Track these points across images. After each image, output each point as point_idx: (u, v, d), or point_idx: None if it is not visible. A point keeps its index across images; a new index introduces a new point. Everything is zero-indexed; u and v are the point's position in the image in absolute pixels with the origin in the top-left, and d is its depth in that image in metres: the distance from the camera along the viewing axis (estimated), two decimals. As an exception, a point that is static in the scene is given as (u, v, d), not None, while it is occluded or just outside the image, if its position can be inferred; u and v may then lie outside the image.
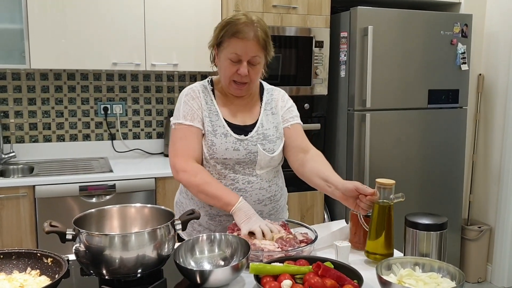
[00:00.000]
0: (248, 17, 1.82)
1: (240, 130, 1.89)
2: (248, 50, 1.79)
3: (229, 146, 1.85)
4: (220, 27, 1.85)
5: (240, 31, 1.77)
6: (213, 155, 1.86)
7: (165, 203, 3.10)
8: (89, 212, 1.57)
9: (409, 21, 3.39)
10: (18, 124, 3.39)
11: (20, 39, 3.03)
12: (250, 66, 1.82)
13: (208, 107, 1.89)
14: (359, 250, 1.80)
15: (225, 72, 1.85)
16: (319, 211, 3.51)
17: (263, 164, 1.90)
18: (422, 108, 3.53)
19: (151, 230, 1.44)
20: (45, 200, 2.87)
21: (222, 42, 1.82)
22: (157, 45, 3.26)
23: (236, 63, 1.81)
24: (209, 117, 1.88)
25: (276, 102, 1.99)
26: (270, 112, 1.96)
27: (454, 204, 3.74)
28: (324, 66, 3.40)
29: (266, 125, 1.92)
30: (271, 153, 1.90)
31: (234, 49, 1.79)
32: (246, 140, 1.88)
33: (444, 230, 1.56)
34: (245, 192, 1.89)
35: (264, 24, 1.85)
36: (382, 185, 1.66)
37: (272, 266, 1.44)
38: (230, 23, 1.81)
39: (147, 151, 3.68)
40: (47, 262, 1.40)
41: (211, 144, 1.85)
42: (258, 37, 1.79)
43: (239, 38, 1.77)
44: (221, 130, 1.87)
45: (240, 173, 1.88)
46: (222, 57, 1.84)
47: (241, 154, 1.86)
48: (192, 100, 1.89)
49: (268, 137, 1.91)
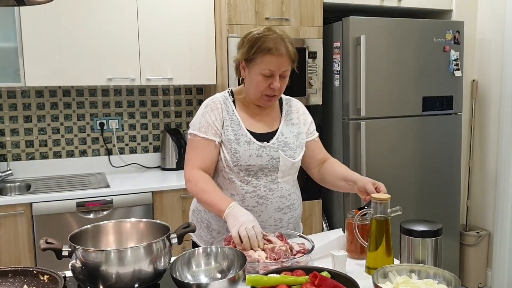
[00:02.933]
0: (276, 32, 1.87)
1: (262, 137, 1.94)
2: (281, 66, 1.85)
3: (252, 153, 1.90)
4: (249, 43, 1.87)
5: (274, 47, 1.82)
6: (237, 162, 1.89)
7: (163, 217, 3.10)
8: (85, 228, 1.58)
9: (401, 30, 3.42)
10: (14, 141, 3.40)
11: (14, 57, 3.04)
12: (281, 79, 1.89)
13: (230, 117, 1.94)
14: (356, 259, 1.80)
15: (257, 87, 1.90)
16: (317, 221, 3.51)
17: (285, 171, 1.94)
18: (416, 115, 3.54)
19: (147, 244, 1.45)
20: (43, 217, 2.87)
21: (255, 58, 1.86)
22: (152, 60, 3.28)
23: (269, 78, 1.87)
24: (231, 127, 1.93)
25: (297, 113, 2.06)
26: (290, 123, 2.02)
27: (451, 210, 3.75)
28: (318, 76, 3.42)
29: (286, 134, 1.98)
30: (292, 159, 1.95)
31: (268, 65, 1.84)
32: (268, 147, 1.92)
33: (439, 236, 1.57)
34: (266, 199, 1.92)
35: (290, 37, 1.91)
36: (378, 200, 1.66)
37: (269, 277, 1.44)
38: (260, 39, 1.84)
39: (144, 165, 3.68)
40: (44, 279, 1.40)
41: (234, 152, 1.90)
42: (290, 52, 1.86)
43: (274, 55, 1.83)
44: (244, 138, 1.91)
45: (262, 180, 1.92)
46: (253, 72, 1.88)
47: (264, 160, 1.90)
48: (211, 112, 1.95)
49: (289, 144, 1.96)
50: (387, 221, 1.64)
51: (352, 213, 1.84)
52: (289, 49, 1.85)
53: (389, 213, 1.65)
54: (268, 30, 1.88)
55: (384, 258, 1.63)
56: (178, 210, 3.13)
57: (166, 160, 3.58)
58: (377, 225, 1.64)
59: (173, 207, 3.12)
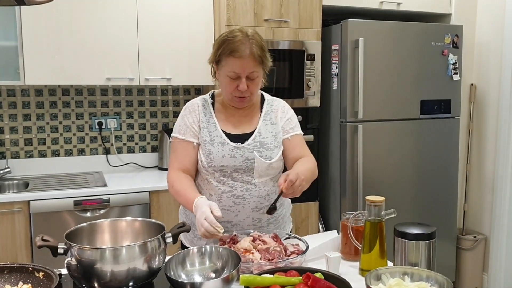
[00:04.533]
0: (243, 32, 1.87)
1: (237, 138, 1.95)
2: (245, 67, 1.84)
3: (225, 153, 1.91)
4: (217, 45, 1.90)
5: (236, 49, 1.82)
6: (211, 163, 1.91)
7: (160, 216, 3.11)
8: (81, 226, 1.59)
9: (400, 33, 3.43)
10: (13, 139, 3.40)
11: (14, 56, 3.05)
12: (249, 80, 1.88)
13: (207, 119, 1.97)
14: (350, 261, 1.81)
15: (226, 88, 1.92)
16: (313, 222, 3.52)
17: (261, 172, 1.94)
18: (414, 118, 3.55)
19: (142, 243, 1.46)
20: (40, 215, 2.88)
21: (220, 60, 1.88)
22: (151, 60, 3.29)
23: (235, 80, 1.87)
24: (207, 128, 1.96)
25: (276, 112, 2.04)
26: (270, 122, 2.01)
27: (448, 213, 3.76)
28: (316, 79, 3.43)
29: (264, 134, 1.97)
30: (268, 160, 1.93)
31: (232, 67, 1.85)
32: (242, 148, 1.93)
33: (433, 239, 1.58)
34: (243, 199, 1.93)
35: (260, 38, 1.90)
36: (373, 203, 1.67)
37: (262, 277, 1.45)
38: (226, 41, 1.86)
39: (141, 164, 3.69)
40: (39, 276, 1.41)
41: (208, 153, 1.92)
42: (254, 54, 1.84)
43: (236, 57, 1.83)
44: (219, 140, 1.93)
45: (238, 181, 1.93)
46: (222, 74, 1.90)
47: (237, 161, 1.91)
48: (189, 114, 2.00)
49: (266, 145, 1.95)
50: (381, 223, 1.65)
51: (347, 215, 1.85)
52: (253, 50, 1.83)
53: (383, 215, 1.66)
54: (235, 31, 1.88)
55: (377, 260, 1.64)
56: (175, 210, 3.11)
57: (164, 160, 3.59)
58: (371, 227, 1.65)
59: (169, 207, 3.13)
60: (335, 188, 3.52)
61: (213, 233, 1.68)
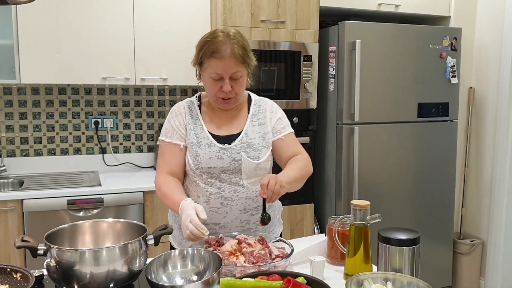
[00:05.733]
0: (225, 33, 1.85)
1: (224, 140, 1.94)
2: (227, 68, 1.83)
3: (212, 155, 1.90)
4: (199, 47, 1.89)
5: (217, 50, 1.81)
6: (198, 165, 1.90)
7: (154, 217, 3.10)
8: (62, 227, 1.58)
9: (397, 35, 3.41)
10: (9, 138, 3.41)
11: (10, 54, 3.05)
12: (233, 81, 1.86)
13: (194, 121, 1.96)
14: (336, 265, 1.80)
15: (209, 90, 1.91)
16: (309, 225, 3.51)
17: (249, 173, 1.92)
18: (411, 121, 3.53)
19: (122, 245, 1.45)
20: (33, 214, 2.88)
21: (203, 62, 1.87)
22: (147, 60, 3.28)
23: (219, 81, 1.86)
24: (194, 130, 1.94)
25: (264, 113, 2.02)
26: (257, 123, 1.99)
27: (445, 217, 3.73)
28: (313, 80, 3.41)
29: (251, 135, 1.95)
30: (256, 160, 1.92)
31: (214, 68, 1.84)
32: (229, 149, 1.91)
33: (416, 245, 1.56)
34: (231, 200, 1.91)
35: (241, 37, 1.88)
36: (358, 207, 1.65)
37: (243, 281, 1.44)
38: (207, 42, 1.85)
39: (137, 164, 3.69)
40: (16, 277, 1.41)
41: (196, 155, 1.91)
42: (236, 54, 1.82)
43: (217, 58, 1.81)
44: (205, 141, 1.92)
45: (226, 182, 1.91)
46: (205, 75, 1.89)
47: (225, 162, 1.90)
48: (175, 117, 1.99)
49: (253, 145, 1.94)
50: (366, 228, 1.64)
51: (333, 218, 1.84)
52: (235, 50, 1.81)
53: (368, 220, 1.64)
54: (216, 32, 1.86)
55: (361, 265, 1.63)
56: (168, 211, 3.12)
57: (160, 160, 3.58)
58: (356, 232, 1.64)
59: (163, 208, 3.12)
60: (330, 191, 3.50)
61: (198, 235, 1.67)
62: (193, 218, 1.69)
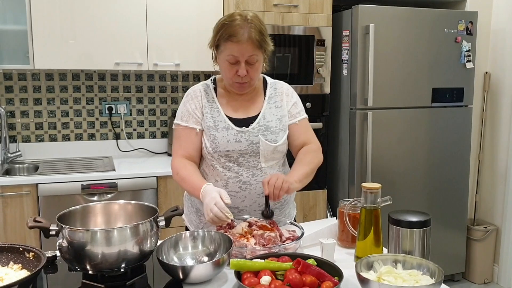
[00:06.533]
0: (242, 16, 1.84)
1: (242, 123, 1.93)
2: (244, 52, 1.82)
3: (230, 138, 1.90)
4: (216, 29, 1.88)
5: (234, 34, 1.80)
6: (216, 148, 1.90)
7: (167, 201, 3.12)
8: (74, 208, 1.60)
9: (412, 19, 3.37)
10: (24, 123, 3.45)
11: (24, 40, 3.07)
12: (248, 65, 1.85)
13: (210, 104, 1.95)
14: (347, 248, 1.80)
15: (225, 73, 1.90)
16: (321, 210, 3.51)
17: (267, 156, 1.93)
18: (425, 106, 3.50)
19: (133, 225, 1.46)
20: (48, 198, 2.92)
21: (219, 45, 1.86)
22: (159, 45, 3.28)
23: (235, 64, 1.85)
24: (210, 114, 1.94)
25: (281, 96, 2.02)
26: (274, 106, 1.99)
27: (459, 204, 3.71)
28: (326, 65, 3.39)
29: (268, 117, 1.95)
30: (273, 143, 1.92)
31: (230, 51, 1.83)
32: (247, 132, 1.91)
33: (427, 227, 1.55)
34: (249, 184, 1.92)
35: (259, 21, 1.87)
36: (369, 190, 1.64)
37: (253, 262, 1.45)
38: (224, 25, 1.84)
39: (151, 150, 3.71)
40: (29, 256, 1.43)
41: (213, 138, 1.90)
42: (252, 38, 1.81)
43: (234, 41, 1.81)
44: (223, 125, 1.92)
45: (244, 166, 1.91)
46: (221, 59, 1.88)
47: (243, 145, 1.90)
48: (191, 101, 1.97)
49: (270, 128, 1.94)
50: (377, 210, 1.63)
51: (344, 201, 1.83)
52: (252, 35, 1.80)
53: (379, 202, 1.63)
54: (234, 15, 1.85)
55: (372, 247, 1.62)
56: (182, 195, 3.08)
57: (173, 145, 3.60)
58: (367, 215, 1.63)
59: (177, 192, 3.14)
60: (343, 176, 3.49)
61: (222, 218, 1.67)
62: (218, 201, 1.68)
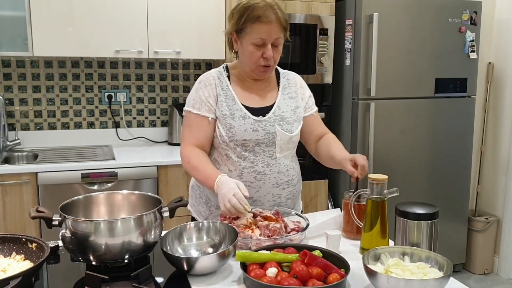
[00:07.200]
0: (265, 0, 1.83)
1: (257, 112, 1.91)
2: (272, 33, 1.82)
3: (247, 127, 1.87)
4: (239, 13, 1.85)
5: (263, 15, 1.79)
6: (232, 137, 1.87)
7: (167, 191, 3.10)
8: (77, 198, 1.57)
9: (415, 8, 3.33)
10: (23, 111, 3.41)
11: (23, 27, 3.03)
12: (273, 47, 1.85)
13: (224, 92, 1.92)
14: (352, 239, 1.78)
15: (250, 57, 1.87)
16: (323, 200, 3.49)
17: (282, 145, 1.92)
18: (428, 97, 3.47)
19: (137, 216, 1.44)
20: (48, 187, 2.89)
21: (244, 28, 1.84)
22: (160, 33, 3.24)
23: (261, 47, 1.83)
24: (225, 102, 1.90)
25: (295, 87, 2.03)
26: (288, 97, 1.99)
27: (461, 194, 3.69)
28: (329, 54, 3.36)
29: (283, 108, 1.95)
30: (289, 133, 1.92)
31: (258, 33, 1.81)
32: (264, 121, 1.90)
33: (435, 219, 1.54)
34: (264, 175, 1.90)
35: (280, 5, 1.87)
36: (375, 181, 1.62)
37: (259, 253, 1.43)
38: (249, 8, 1.82)
39: (151, 139, 3.68)
40: (32, 247, 1.41)
41: (230, 127, 1.87)
42: (280, 19, 1.82)
43: (263, 22, 1.80)
44: (239, 113, 1.89)
45: (260, 156, 1.90)
46: (245, 42, 1.85)
47: (260, 134, 1.88)
48: (204, 88, 1.93)
49: (285, 118, 1.93)
50: (383, 202, 1.61)
51: (349, 193, 1.81)
52: (279, 15, 1.81)
53: (385, 194, 1.61)
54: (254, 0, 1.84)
55: (378, 239, 1.61)
56: (183, 185, 3.12)
57: (173, 135, 3.57)
58: (373, 206, 1.61)
59: (178, 182, 3.12)
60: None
61: (240, 210, 1.65)
62: (237, 192, 1.66)
